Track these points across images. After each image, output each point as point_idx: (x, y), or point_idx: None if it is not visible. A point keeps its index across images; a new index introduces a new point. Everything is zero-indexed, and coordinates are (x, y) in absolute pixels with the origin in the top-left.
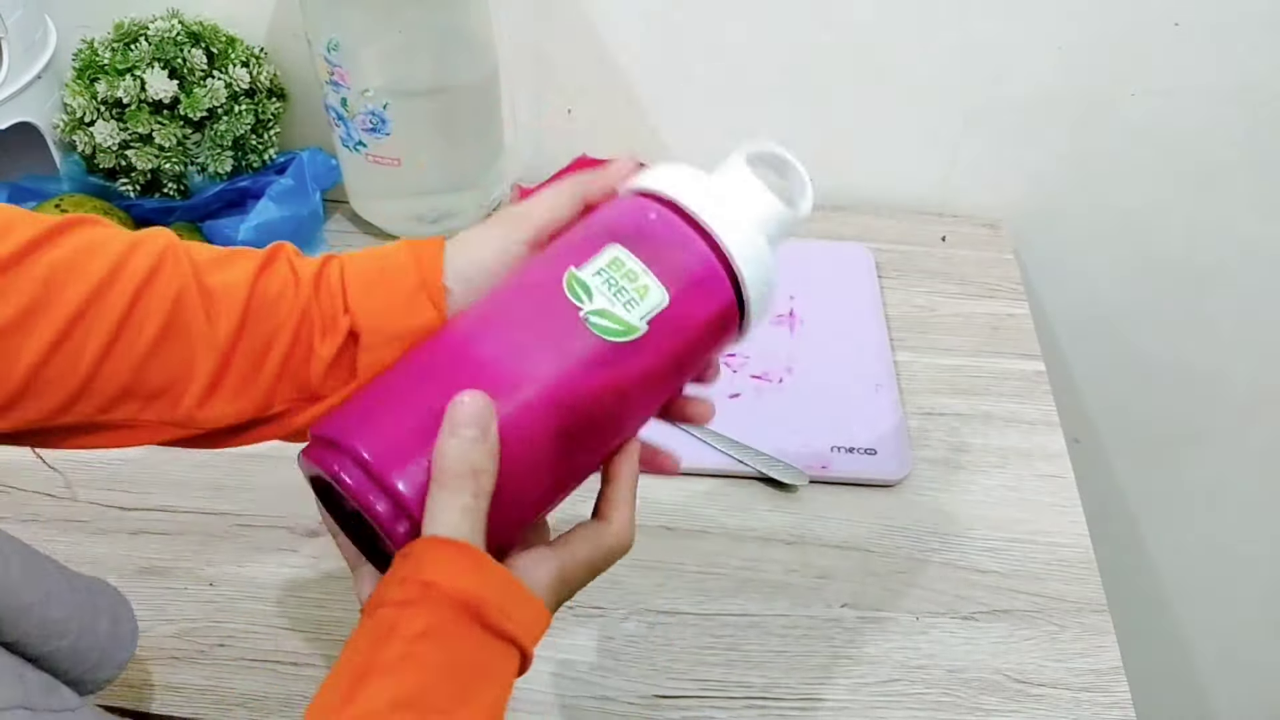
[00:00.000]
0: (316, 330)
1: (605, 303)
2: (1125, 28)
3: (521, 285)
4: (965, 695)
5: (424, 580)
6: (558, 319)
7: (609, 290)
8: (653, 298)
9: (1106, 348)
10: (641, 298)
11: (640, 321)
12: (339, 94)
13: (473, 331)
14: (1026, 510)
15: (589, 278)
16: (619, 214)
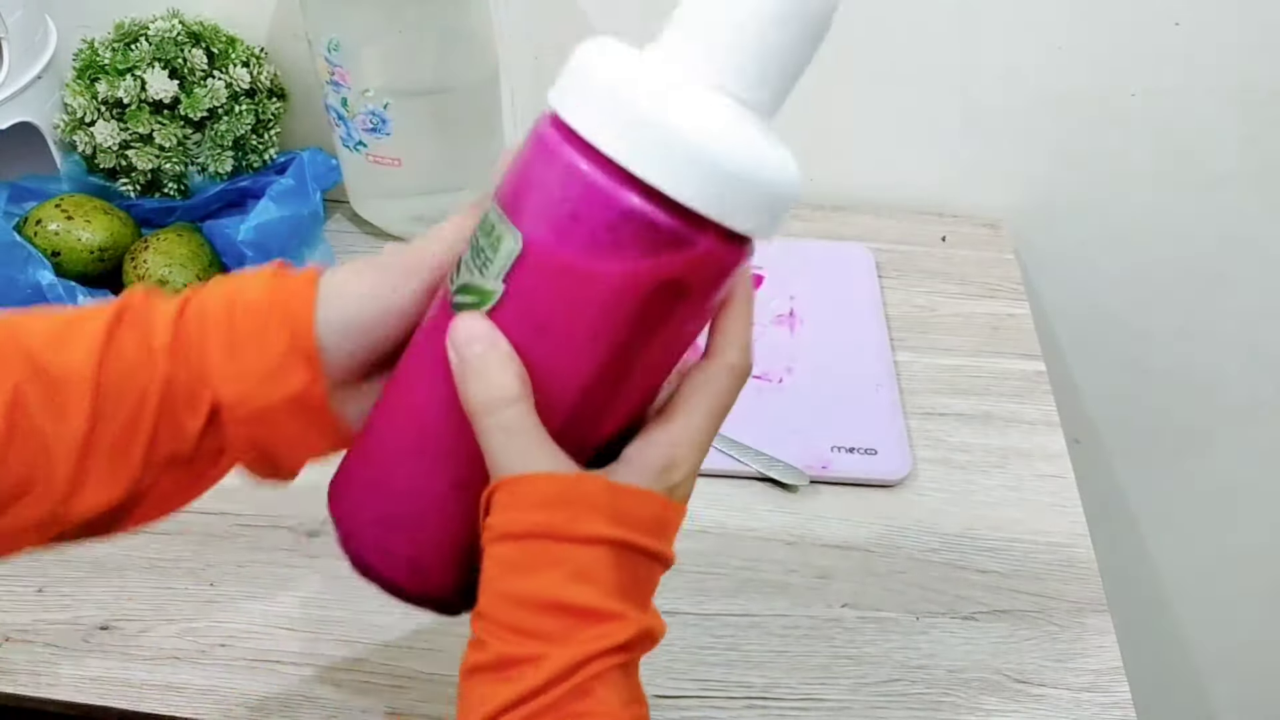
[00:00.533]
0: (180, 404)
1: (465, 274)
2: (1126, 28)
3: None
4: (965, 695)
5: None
6: (440, 310)
7: (470, 256)
8: (505, 247)
9: (1107, 348)
10: (495, 252)
11: (495, 281)
12: (339, 94)
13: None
14: (1027, 510)
15: (465, 255)
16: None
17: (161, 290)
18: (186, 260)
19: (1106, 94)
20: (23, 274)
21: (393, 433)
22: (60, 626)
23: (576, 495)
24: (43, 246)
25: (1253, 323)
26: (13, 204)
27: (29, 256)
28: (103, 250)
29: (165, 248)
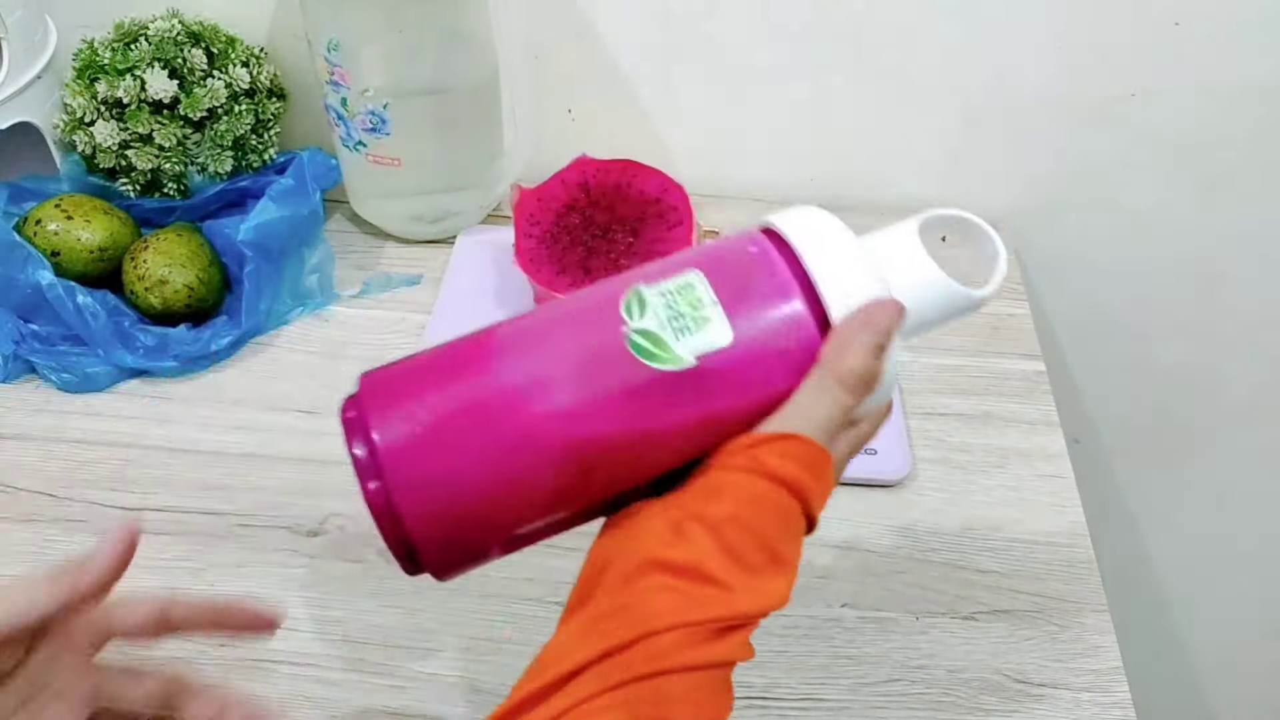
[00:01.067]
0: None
1: (655, 324)
2: (1126, 27)
3: (587, 291)
4: (965, 695)
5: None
6: (602, 330)
7: (666, 313)
8: (712, 332)
9: (1107, 348)
10: (698, 329)
11: (688, 354)
12: (339, 94)
13: (523, 327)
14: (1027, 510)
15: (651, 295)
16: (722, 242)
17: None
18: (186, 260)
19: (1106, 94)
20: (22, 274)
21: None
22: None
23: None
24: (42, 246)
25: (1253, 323)
26: (12, 204)
27: (28, 256)
28: (102, 250)
29: (165, 248)
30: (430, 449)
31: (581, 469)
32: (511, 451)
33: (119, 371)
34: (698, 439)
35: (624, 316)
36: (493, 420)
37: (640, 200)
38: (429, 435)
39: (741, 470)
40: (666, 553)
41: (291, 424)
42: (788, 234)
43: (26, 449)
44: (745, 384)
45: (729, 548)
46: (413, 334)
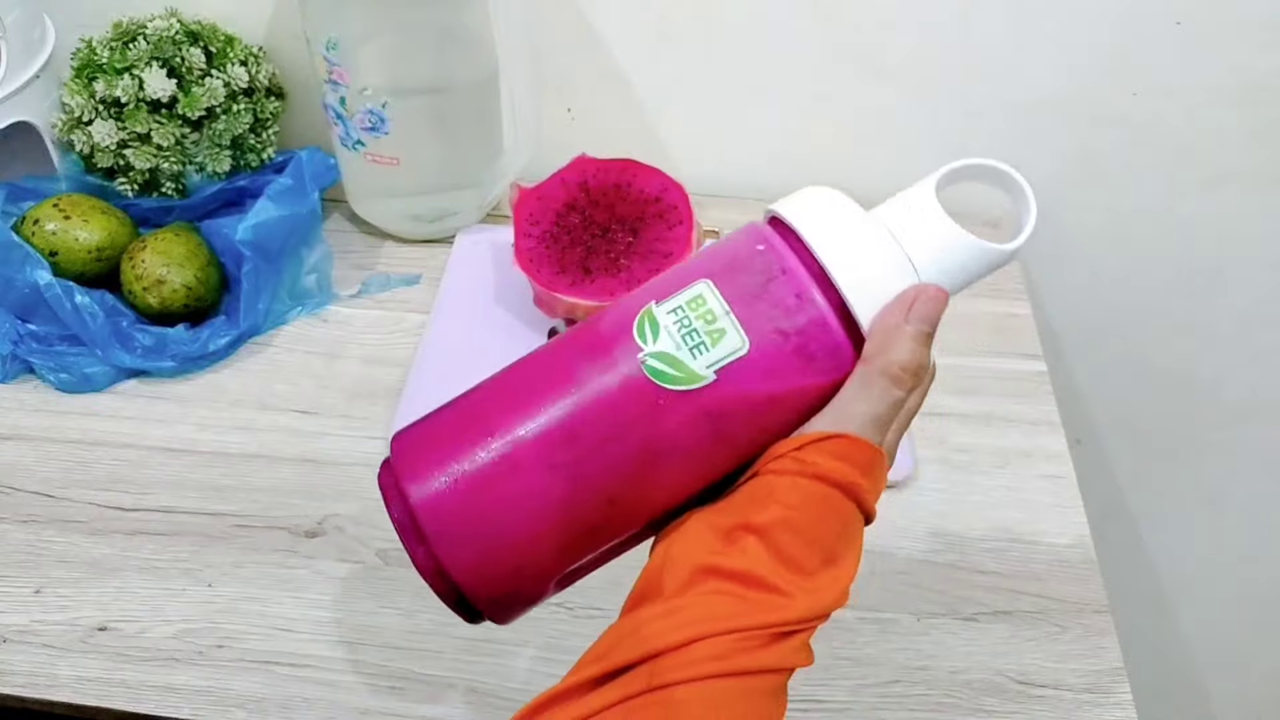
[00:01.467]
0: None
1: (670, 345)
2: (1127, 27)
3: (601, 315)
4: (966, 696)
5: (809, 462)
6: (619, 359)
7: (679, 331)
8: (728, 344)
9: (1108, 348)
10: (714, 344)
11: (707, 370)
12: (338, 93)
13: (538, 362)
14: (1028, 511)
15: (662, 315)
16: (728, 243)
17: None
18: (184, 260)
19: (1107, 94)
20: (20, 274)
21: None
22: (58, 628)
23: (879, 471)
24: (40, 246)
25: (1253, 323)
26: (10, 203)
27: (27, 256)
28: (100, 250)
29: (163, 247)
30: (468, 505)
31: (619, 502)
32: (548, 497)
33: (117, 372)
34: (736, 450)
35: (638, 341)
36: (525, 468)
37: (640, 200)
38: (464, 491)
39: (789, 473)
40: (717, 560)
41: (290, 424)
42: (795, 223)
43: (24, 449)
44: (772, 389)
45: (781, 552)
46: (412, 333)
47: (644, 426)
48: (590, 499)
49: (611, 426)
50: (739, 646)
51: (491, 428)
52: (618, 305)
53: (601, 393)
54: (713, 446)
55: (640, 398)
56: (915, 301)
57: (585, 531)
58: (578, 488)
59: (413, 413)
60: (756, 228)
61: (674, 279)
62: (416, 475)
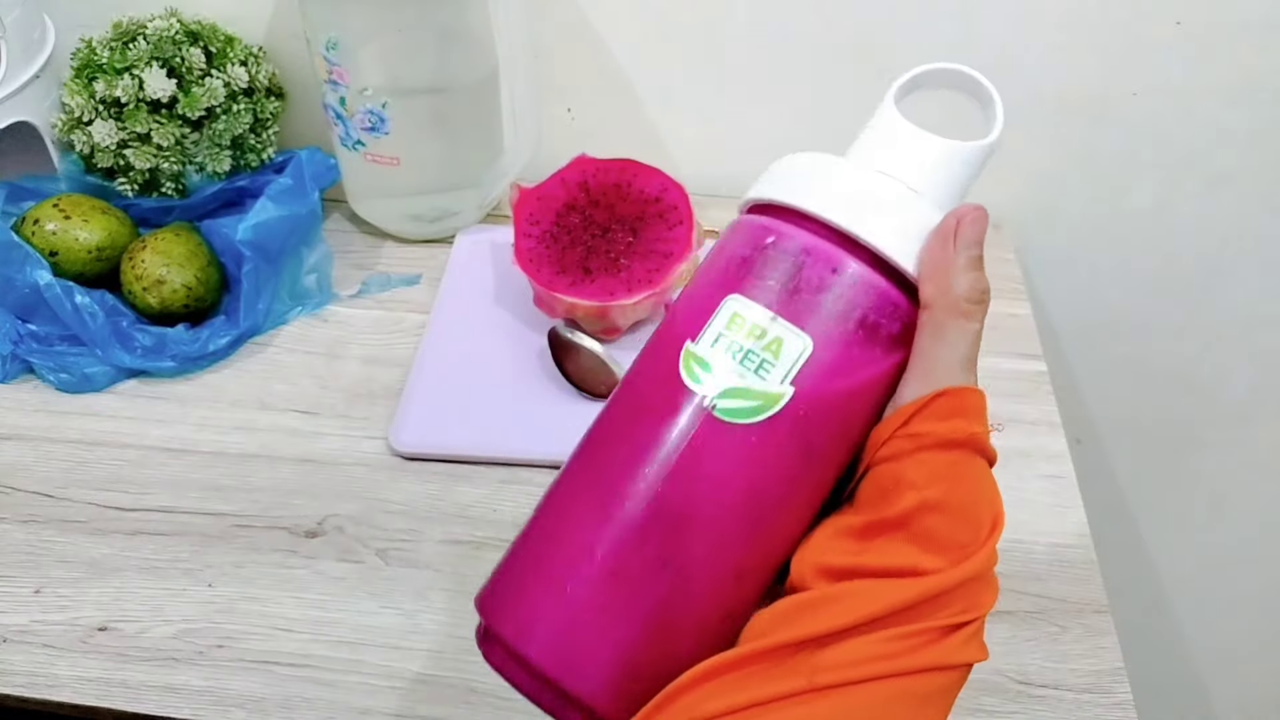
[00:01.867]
0: None
1: (733, 378)
2: (1127, 27)
3: (632, 379)
4: (966, 696)
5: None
6: (682, 415)
7: (734, 359)
8: (790, 349)
9: (1108, 348)
10: (776, 356)
11: (782, 384)
12: (338, 93)
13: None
14: (1028, 511)
15: (706, 351)
16: (730, 249)
17: None
18: (184, 260)
19: (1107, 94)
20: (20, 274)
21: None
22: (58, 628)
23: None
24: (40, 246)
25: (1253, 323)
26: (10, 203)
27: (27, 256)
28: (100, 250)
29: (163, 247)
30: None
31: (746, 571)
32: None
33: (117, 372)
34: (839, 456)
35: (691, 388)
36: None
37: (640, 200)
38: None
39: (907, 453)
40: (859, 561)
41: (290, 424)
42: (790, 200)
43: (24, 449)
44: (852, 375)
45: (931, 539)
46: (412, 333)
47: (741, 475)
48: (713, 584)
49: (704, 492)
50: (903, 645)
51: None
52: (643, 361)
53: (677, 458)
54: (817, 462)
55: (725, 446)
56: (958, 228)
57: (722, 616)
58: (696, 576)
59: (413, 412)
60: (750, 222)
61: (692, 310)
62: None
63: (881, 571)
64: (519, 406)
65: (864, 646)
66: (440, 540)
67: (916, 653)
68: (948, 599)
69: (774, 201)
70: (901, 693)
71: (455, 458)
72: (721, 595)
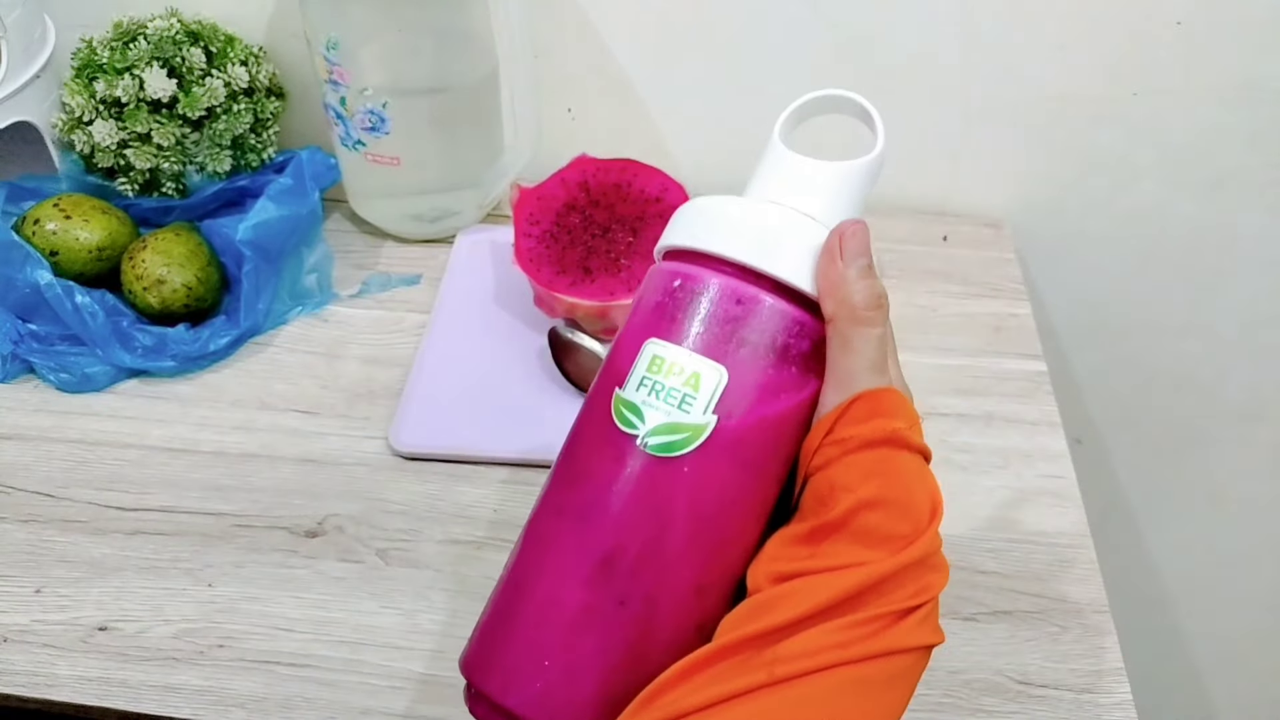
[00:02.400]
0: None
1: (659, 416)
2: (1127, 27)
3: (582, 430)
4: (966, 696)
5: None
6: (621, 459)
7: (658, 398)
8: (708, 381)
9: (1108, 348)
10: (696, 389)
11: (705, 415)
12: (338, 93)
13: (549, 511)
14: (1028, 511)
15: (633, 395)
16: (646, 297)
17: None
18: (185, 259)
19: (1107, 93)
20: (21, 274)
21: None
22: (58, 627)
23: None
24: (41, 246)
25: (1253, 323)
26: (11, 203)
27: (27, 256)
28: (101, 250)
29: (163, 247)
30: (571, 686)
31: (707, 587)
32: (634, 632)
33: (117, 371)
34: (775, 472)
35: (625, 431)
36: (598, 615)
37: (640, 200)
38: (562, 674)
39: (835, 460)
40: (807, 565)
41: (290, 424)
42: (690, 243)
43: (24, 449)
44: (770, 396)
45: (871, 535)
46: (412, 333)
47: (683, 503)
48: (677, 605)
49: (651, 525)
50: (856, 633)
51: (549, 598)
52: (584, 411)
53: (625, 500)
54: (752, 479)
55: (663, 479)
56: (841, 244)
57: (693, 632)
58: (659, 603)
59: (413, 412)
60: (661, 269)
61: (618, 358)
62: (513, 689)
63: (829, 571)
64: (519, 406)
65: (818, 636)
66: (440, 540)
67: (870, 639)
68: (895, 584)
69: (679, 247)
70: (859, 679)
71: (455, 458)
72: (687, 613)
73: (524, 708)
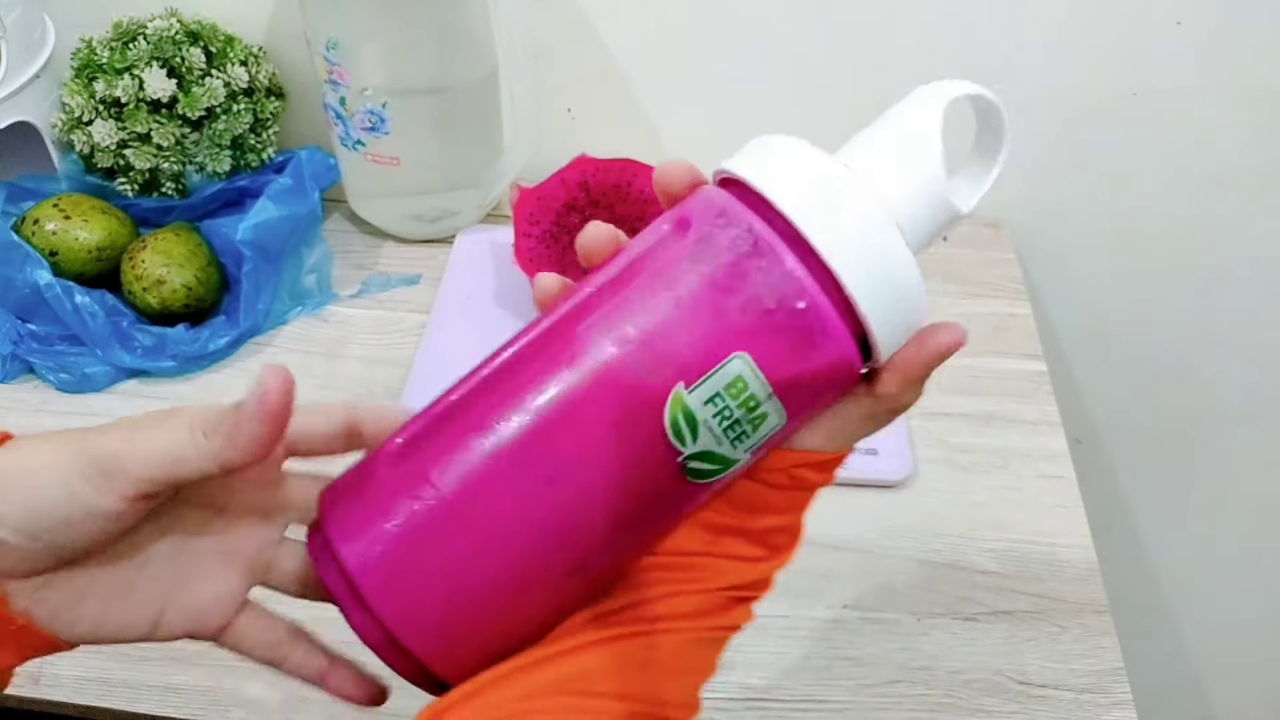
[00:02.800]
0: None
1: (709, 442)
2: (1127, 26)
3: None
4: (967, 696)
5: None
6: (650, 460)
7: (719, 426)
8: (769, 426)
9: (1108, 348)
10: (755, 430)
11: (743, 454)
12: (338, 93)
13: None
14: (1028, 511)
15: (698, 408)
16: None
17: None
18: (184, 259)
19: (1107, 94)
20: (20, 274)
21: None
22: None
23: None
24: (40, 246)
25: (1253, 323)
26: (10, 203)
27: (27, 256)
28: (100, 250)
29: (163, 247)
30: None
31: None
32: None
33: (117, 372)
34: None
35: (676, 445)
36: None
37: (640, 200)
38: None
39: (783, 488)
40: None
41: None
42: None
43: None
44: (787, 433)
45: (766, 544)
46: (412, 334)
47: (657, 509)
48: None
49: (621, 514)
50: (712, 604)
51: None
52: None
53: (620, 486)
54: (713, 498)
55: (673, 494)
56: (936, 349)
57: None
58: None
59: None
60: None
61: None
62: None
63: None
64: None
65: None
66: None
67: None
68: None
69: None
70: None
71: None
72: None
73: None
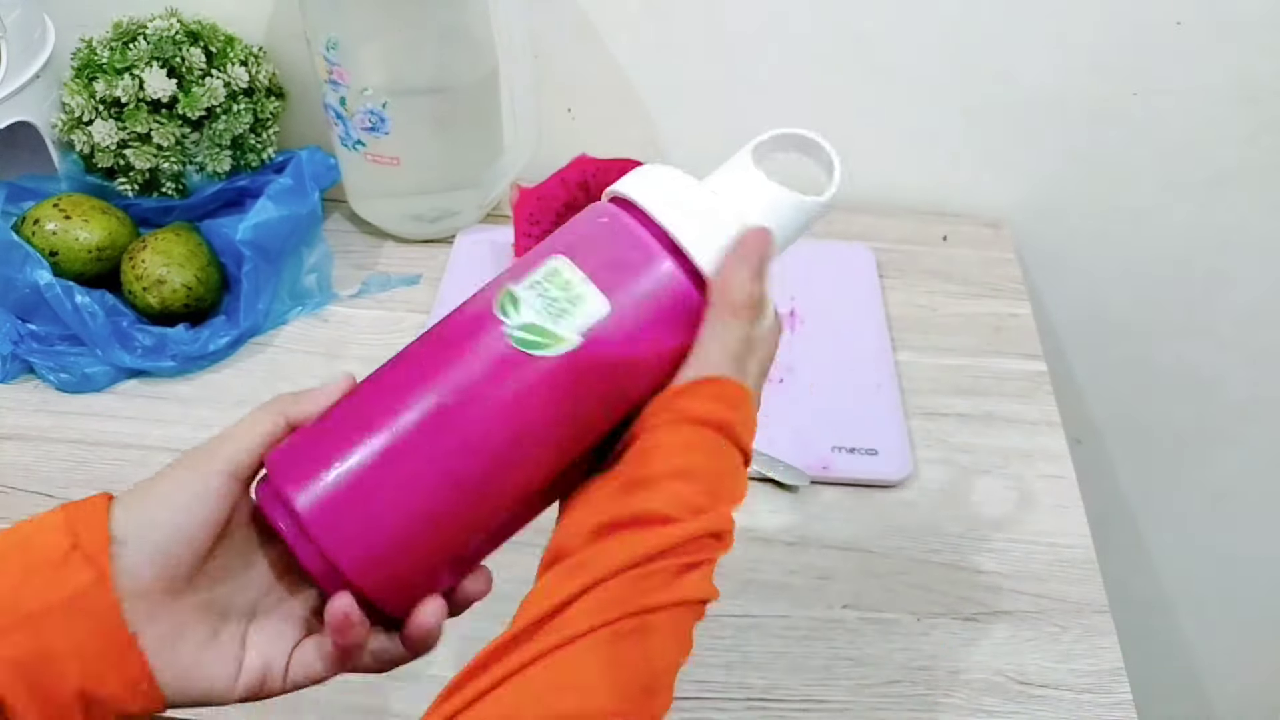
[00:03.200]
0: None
1: (533, 316)
2: (1128, 27)
3: (461, 308)
4: (967, 696)
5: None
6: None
7: (540, 303)
8: (589, 307)
9: (1109, 348)
10: (575, 308)
11: (571, 333)
12: (338, 93)
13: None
14: (1028, 511)
15: (521, 291)
16: (574, 222)
17: None
18: (184, 259)
19: (1107, 94)
20: (20, 274)
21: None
22: None
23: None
24: (40, 246)
25: (1253, 323)
26: (11, 203)
27: (27, 256)
28: (101, 250)
29: (163, 247)
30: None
31: (502, 478)
32: (430, 484)
33: (117, 371)
34: (611, 408)
35: (500, 318)
36: (404, 453)
37: None
38: (347, 489)
39: (667, 424)
40: (616, 512)
41: None
42: (634, 197)
43: (24, 449)
44: (636, 346)
45: (675, 496)
46: (412, 333)
47: (518, 395)
48: (473, 475)
49: (485, 401)
50: (637, 586)
51: (367, 422)
52: (477, 295)
53: (472, 370)
54: (588, 406)
55: (511, 368)
56: (743, 243)
57: (472, 507)
58: (459, 466)
59: None
60: (599, 206)
61: (528, 261)
62: (295, 479)
63: (632, 519)
64: None
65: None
66: None
67: (659, 590)
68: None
69: (619, 194)
70: (643, 626)
71: None
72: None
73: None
